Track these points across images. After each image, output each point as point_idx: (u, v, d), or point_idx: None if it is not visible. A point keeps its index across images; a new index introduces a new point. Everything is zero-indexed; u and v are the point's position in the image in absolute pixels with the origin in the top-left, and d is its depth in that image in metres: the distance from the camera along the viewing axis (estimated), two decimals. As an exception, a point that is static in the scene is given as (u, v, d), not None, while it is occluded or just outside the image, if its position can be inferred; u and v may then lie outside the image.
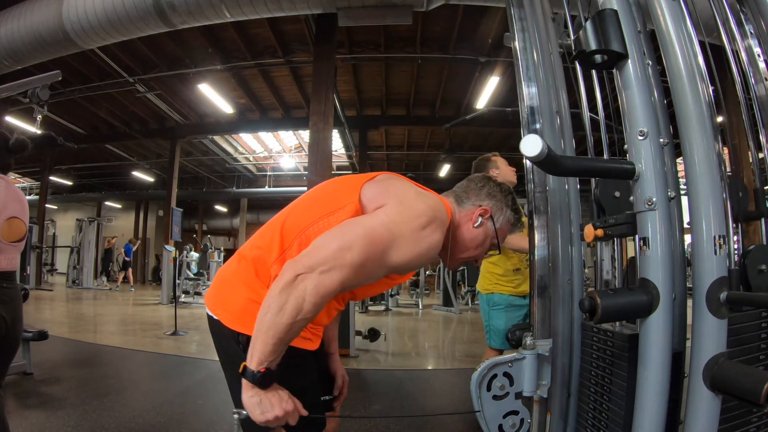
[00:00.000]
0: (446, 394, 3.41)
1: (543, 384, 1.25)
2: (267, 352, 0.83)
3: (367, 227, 0.91)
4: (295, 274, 0.83)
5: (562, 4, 1.38)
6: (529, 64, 1.40)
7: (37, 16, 4.49)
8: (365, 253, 0.87)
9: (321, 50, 5.10)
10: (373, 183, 1.05)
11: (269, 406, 0.85)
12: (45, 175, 11.40)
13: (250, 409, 0.86)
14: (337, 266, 0.85)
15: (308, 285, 0.82)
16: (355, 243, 0.87)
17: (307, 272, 0.83)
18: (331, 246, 0.87)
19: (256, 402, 0.85)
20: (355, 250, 0.86)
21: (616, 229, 1.03)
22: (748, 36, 1.18)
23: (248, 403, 0.85)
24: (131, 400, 2.90)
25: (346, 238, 0.88)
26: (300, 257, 0.87)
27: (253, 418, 0.86)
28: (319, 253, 0.86)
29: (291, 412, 0.87)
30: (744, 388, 0.80)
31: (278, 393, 0.87)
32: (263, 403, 0.85)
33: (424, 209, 0.97)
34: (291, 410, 0.87)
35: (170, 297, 8.06)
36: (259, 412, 0.85)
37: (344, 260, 0.85)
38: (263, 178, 15.21)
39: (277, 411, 0.85)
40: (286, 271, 0.84)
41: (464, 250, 1.13)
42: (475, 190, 1.14)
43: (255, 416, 0.85)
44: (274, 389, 0.87)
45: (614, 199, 1.14)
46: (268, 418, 0.85)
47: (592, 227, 1.06)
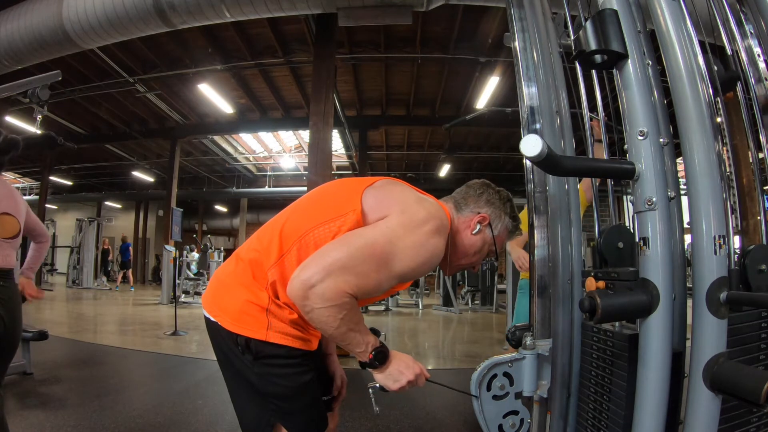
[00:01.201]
0: (446, 394, 3.41)
1: (543, 384, 1.25)
2: (356, 344, 0.93)
3: (369, 237, 0.93)
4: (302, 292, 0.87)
5: (562, 4, 1.38)
6: (529, 64, 1.39)
7: (37, 16, 4.48)
8: (365, 261, 0.90)
9: (321, 50, 5.10)
10: (374, 190, 1.05)
11: (398, 375, 0.97)
12: (45, 175, 11.39)
13: (385, 383, 0.98)
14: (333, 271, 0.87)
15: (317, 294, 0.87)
16: (353, 251, 0.90)
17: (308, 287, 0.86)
18: (328, 257, 0.89)
19: (386, 375, 0.97)
20: (350, 257, 0.89)
21: (618, 284, 1.04)
22: (748, 36, 1.18)
23: (380, 379, 0.98)
24: (131, 400, 2.90)
25: (344, 249, 0.90)
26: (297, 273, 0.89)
27: (390, 388, 0.98)
28: (315, 263, 0.89)
29: (419, 373, 0.99)
30: (744, 388, 0.80)
31: (404, 361, 0.99)
32: (393, 374, 0.97)
33: (425, 216, 0.98)
34: (419, 372, 0.99)
35: (170, 297, 8.06)
36: (392, 382, 0.97)
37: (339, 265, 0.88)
38: (263, 178, 15.21)
39: (408, 375, 0.97)
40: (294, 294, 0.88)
41: (462, 257, 1.13)
42: (474, 196, 1.14)
43: (391, 386, 0.97)
44: (396, 359, 0.98)
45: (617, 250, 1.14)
46: (402, 384, 0.97)
47: (593, 279, 1.06)
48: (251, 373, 0.99)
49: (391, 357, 0.97)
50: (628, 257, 1.09)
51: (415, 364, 0.99)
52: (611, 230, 1.13)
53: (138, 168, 13.72)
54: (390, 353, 0.97)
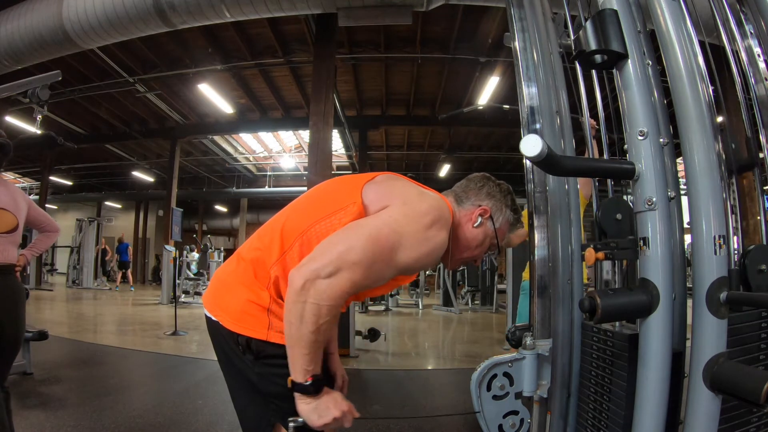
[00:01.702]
0: (446, 394, 3.41)
1: (543, 384, 1.25)
2: (306, 362, 0.86)
3: (372, 228, 0.91)
4: (303, 281, 0.84)
5: (562, 4, 1.38)
6: (529, 64, 1.40)
7: (37, 16, 4.48)
8: (370, 253, 0.88)
9: (321, 50, 5.10)
10: (374, 183, 1.05)
11: (325, 410, 0.89)
12: (45, 175, 11.40)
13: (307, 417, 0.89)
14: (343, 267, 0.85)
15: (319, 289, 0.84)
16: (359, 244, 0.88)
17: (314, 277, 0.84)
18: (335, 248, 0.87)
19: (312, 408, 0.89)
20: (358, 251, 0.87)
21: (618, 253, 1.04)
22: (748, 36, 1.18)
23: (305, 411, 0.89)
24: (131, 400, 2.90)
25: (349, 240, 0.88)
26: (304, 262, 0.87)
27: (311, 424, 0.89)
28: (324, 256, 0.87)
29: (347, 412, 0.91)
30: (744, 388, 0.80)
31: (331, 396, 0.91)
32: (319, 408, 0.89)
33: (428, 209, 0.97)
34: (347, 410, 0.91)
35: (170, 297, 8.06)
36: (316, 417, 0.89)
37: (349, 261, 0.86)
38: (263, 178, 15.21)
39: (334, 412, 0.89)
40: (293, 280, 0.85)
41: (464, 250, 1.13)
42: (474, 189, 1.14)
43: (314, 422, 0.89)
44: (326, 393, 0.91)
45: (616, 222, 1.14)
46: (327, 421, 0.89)
47: (593, 250, 1.06)
48: (252, 372, 0.99)
49: (324, 390, 0.91)
50: (627, 228, 1.09)
51: (343, 401, 0.92)
52: (609, 202, 1.13)
53: (138, 168, 13.72)
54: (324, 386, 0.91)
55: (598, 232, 1.16)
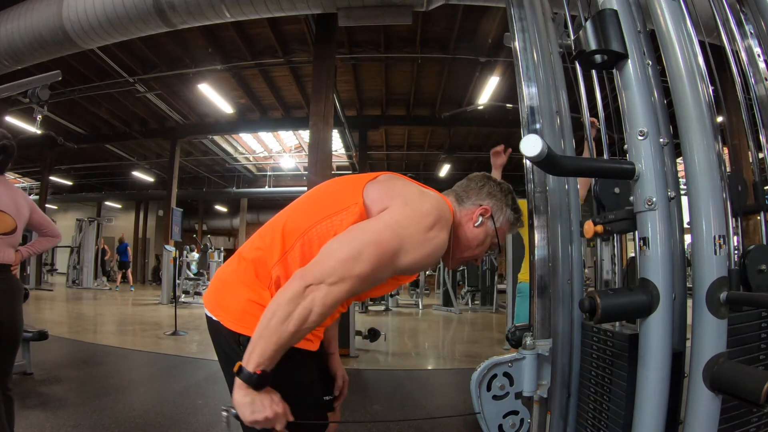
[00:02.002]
0: (446, 394, 3.41)
1: (543, 384, 1.25)
2: (266, 356, 0.84)
3: (375, 233, 0.91)
4: (305, 285, 0.84)
5: (562, 4, 1.38)
6: (529, 64, 1.39)
7: (37, 16, 4.48)
8: (374, 262, 0.88)
9: (321, 50, 5.10)
10: (376, 183, 1.05)
11: (260, 407, 0.86)
12: (45, 175, 11.40)
13: (240, 408, 0.86)
14: (346, 277, 0.86)
15: (317, 296, 0.84)
16: (364, 253, 0.88)
17: (317, 283, 0.85)
18: (340, 255, 0.88)
19: (248, 402, 0.86)
20: (364, 261, 0.87)
21: (615, 225, 1.03)
22: (748, 36, 1.18)
23: (240, 402, 0.86)
24: (131, 400, 2.90)
25: (355, 247, 0.89)
26: (309, 266, 0.87)
27: (242, 417, 0.86)
28: (328, 263, 0.87)
29: (280, 414, 0.88)
30: (744, 388, 0.80)
31: (270, 395, 0.88)
32: (255, 404, 0.86)
33: (429, 209, 0.97)
34: (280, 413, 0.88)
35: (170, 297, 8.07)
36: (249, 411, 0.86)
37: (353, 271, 0.87)
38: (263, 178, 15.22)
39: (268, 412, 0.86)
40: (295, 281, 0.86)
41: (465, 250, 1.13)
42: (475, 189, 1.14)
43: (244, 415, 0.86)
44: (267, 391, 0.88)
45: (614, 196, 1.14)
46: (257, 419, 0.86)
47: (591, 223, 1.06)
48: (252, 372, 0.99)
49: (266, 389, 0.88)
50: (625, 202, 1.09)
51: (279, 404, 0.88)
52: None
53: (138, 168, 13.73)
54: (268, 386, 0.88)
55: (597, 206, 1.16)
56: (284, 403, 0.90)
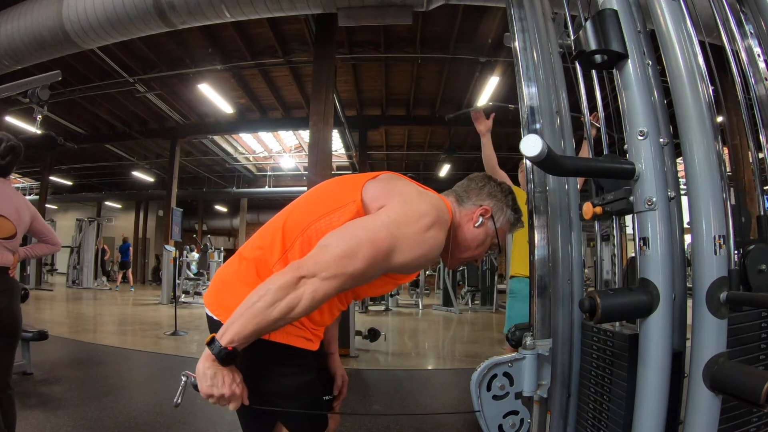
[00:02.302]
0: (446, 394, 3.41)
1: (543, 384, 1.25)
2: (243, 335, 0.85)
3: (371, 230, 0.91)
4: (299, 276, 0.84)
5: (562, 4, 1.38)
6: (529, 64, 1.39)
7: (37, 16, 4.49)
8: (368, 259, 0.88)
9: (321, 50, 5.10)
10: (375, 182, 1.05)
11: (220, 382, 0.86)
12: (45, 175, 11.40)
13: (200, 379, 0.87)
14: (339, 275, 0.86)
15: (308, 290, 0.84)
16: (360, 249, 0.88)
17: (310, 276, 0.85)
18: (335, 251, 0.87)
19: (210, 374, 0.86)
20: (359, 258, 0.88)
21: (614, 205, 1.03)
22: (748, 36, 1.18)
23: (201, 372, 0.87)
24: (131, 400, 2.90)
25: (350, 244, 0.88)
26: (305, 259, 0.88)
27: (200, 387, 0.87)
28: (323, 257, 0.87)
29: (237, 396, 0.88)
30: (744, 388, 0.80)
31: (233, 374, 0.89)
32: (216, 377, 0.86)
33: (426, 209, 0.97)
34: (238, 394, 0.89)
35: (170, 297, 8.07)
36: (208, 384, 0.86)
37: (347, 269, 0.87)
38: (263, 178, 15.21)
39: (225, 390, 0.86)
40: (290, 271, 0.86)
41: (465, 250, 1.13)
42: (475, 189, 1.14)
43: (202, 386, 0.87)
44: (231, 369, 0.89)
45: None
46: (213, 393, 0.86)
47: (590, 205, 1.05)
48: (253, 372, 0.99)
49: (231, 367, 0.89)
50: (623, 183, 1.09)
51: (238, 386, 0.89)
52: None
53: (138, 168, 13.73)
54: (234, 364, 0.89)
55: (596, 188, 1.16)
56: (244, 387, 0.91)
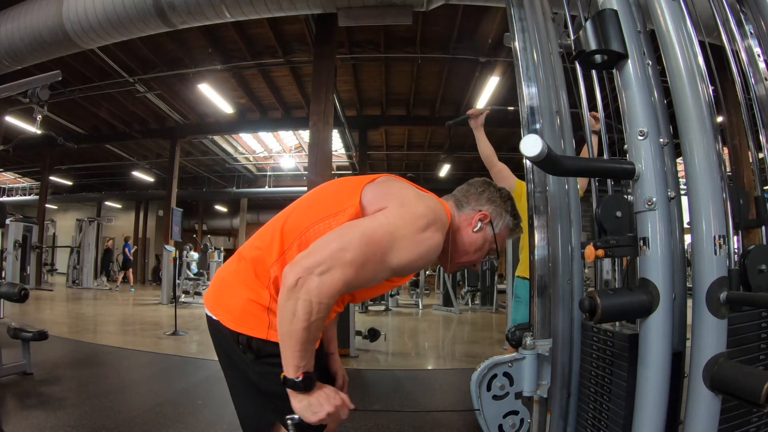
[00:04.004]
0: (446, 394, 3.41)
1: (543, 384, 1.25)
2: (297, 358, 0.87)
3: (366, 228, 0.92)
4: (296, 278, 0.84)
5: (562, 4, 1.38)
6: (529, 64, 1.40)
7: (37, 16, 4.48)
8: (363, 253, 0.88)
9: (321, 50, 5.10)
10: (374, 185, 1.05)
11: (318, 406, 0.90)
12: (45, 175, 11.40)
13: (301, 413, 0.90)
14: (336, 266, 0.85)
15: (311, 287, 0.84)
16: (353, 243, 0.88)
17: (307, 274, 0.84)
18: (329, 247, 0.87)
19: (305, 405, 0.90)
20: (352, 250, 0.87)
21: (617, 250, 1.03)
22: (748, 36, 1.18)
23: (298, 408, 0.90)
24: (131, 400, 2.90)
25: (344, 239, 0.89)
26: (298, 259, 0.87)
27: (307, 420, 0.90)
28: (316, 254, 0.87)
29: (341, 406, 0.92)
30: (744, 388, 0.80)
31: (324, 391, 0.92)
32: (312, 405, 0.90)
33: (424, 211, 0.98)
34: (340, 404, 0.92)
35: (170, 297, 8.06)
36: (310, 413, 0.90)
37: (342, 259, 0.86)
38: (263, 178, 15.21)
39: (328, 408, 0.90)
40: (287, 277, 0.86)
41: (463, 255, 1.13)
42: (475, 194, 1.15)
43: (308, 418, 0.90)
44: (319, 388, 0.91)
45: (616, 219, 1.14)
46: (321, 417, 0.90)
47: (593, 247, 1.05)
48: (252, 372, 0.99)
49: (317, 386, 0.91)
50: (627, 226, 1.09)
51: (336, 396, 0.93)
52: (609, 199, 1.12)
53: (138, 168, 13.72)
54: (317, 383, 0.91)
55: (598, 229, 1.16)
56: (340, 394, 0.94)
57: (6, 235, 8.55)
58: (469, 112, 2.38)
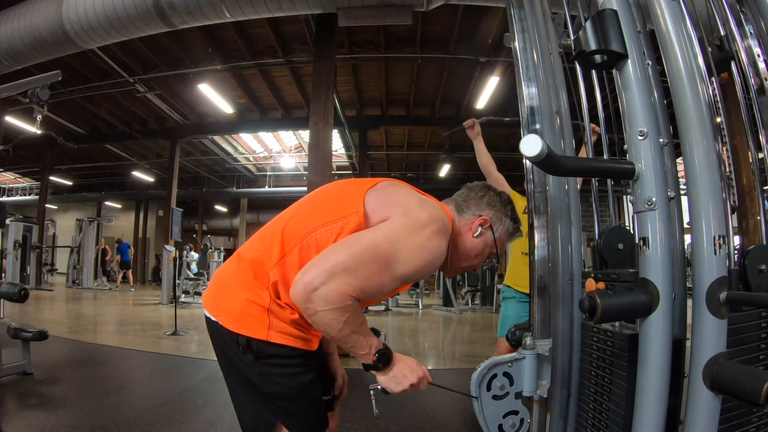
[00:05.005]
0: (446, 395, 3.41)
1: (543, 384, 1.25)
2: (360, 346, 0.93)
3: (370, 241, 0.93)
4: (304, 296, 0.87)
5: (562, 4, 1.38)
6: (529, 64, 1.40)
7: (37, 16, 4.48)
8: (365, 262, 0.90)
9: (321, 50, 5.10)
10: (376, 191, 1.05)
11: (402, 377, 0.97)
12: (45, 175, 11.38)
13: (386, 385, 0.97)
14: (336, 273, 0.87)
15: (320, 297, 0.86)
16: (355, 254, 0.90)
17: (311, 290, 0.86)
18: (331, 259, 0.89)
19: (390, 378, 0.97)
20: (353, 260, 0.89)
21: (618, 285, 1.03)
22: (748, 36, 1.18)
23: (383, 381, 0.97)
24: (131, 400, 2.90)
25: (346, 252, 0.90)
26: (299, 277, 0.88)
27: (391, 391, 0.97)
28: (316, 267, 0.88)
29: (422, 377, 0.99)
30: (744, 388, 0.80)
31: (407, 363, 0.99)
32: (396, 377, 0.96)
33: (428, 219, 0.98)
34: (422, 375, 0.99)
35: (170, 297, 8.06)
36: (394, 384, 0.97)
37: (341, 267, 0.88)
38: (263, 178, 15.21)
39: (411, 378, 0.97)
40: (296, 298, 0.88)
41: (464, 259, 1.13)
42: (475, 199, 1.15)
43: (392, 389, 0.97)
44: (400, 362, 0.98)
45: (617, 252, 1.13)
46: (405, 388, 0.97)
47: (593, 281, 1.05)
48: (252, 372, 0.99)
49: (394, 359, 0.97)
50: (628, 258, 1.10)
51: (418, 367, 0.99)
52: (611, 231, 1.13)
53: (138, 168, 13.72)
54: (393, 355, 0.97)
55: (600, 261, 1.16)
56: (421, 366, 1.00)
57: (6, 235, 8.55)
58: (465, 123, 2.39)
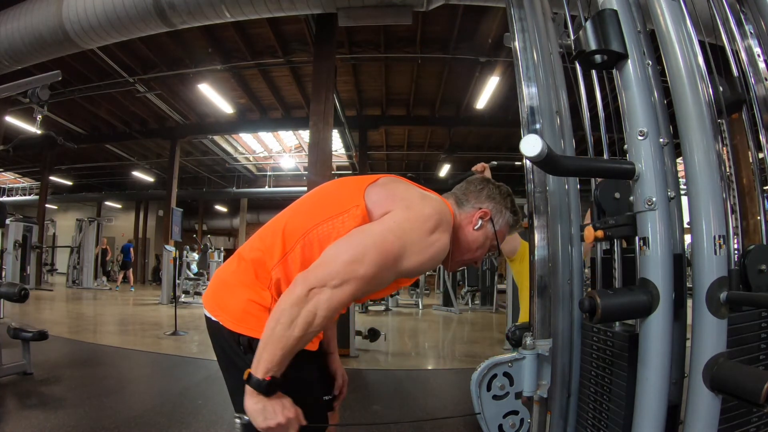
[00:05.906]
0: (446, 394, 3.41)
1: (543, 384, 1.25)
2: (274, 362, 0.85)
3: (378, 237, 0.92)
4: (308, 289, 0.85)
5: (562, 4, 1.38)
6: (529, 64, 1.40)
7: (37, 16, 4.48)
8: (377, 264, 0.89)
9: (321, 50, 5.10)
10: (377, 186, 1.05)
11: (272, 414, 0.87)
12: (45, 175, 11.38)
13: (252, 416, 0.87)
14: (349, 279, 0.87)
15: (321, 299, 0.85)
16: (367, 255, 0.89)
17: (320, 286, 0.85)
18: (342, 258, 0.88)
19: (259, 409, 0.87)
20: (366, 263, 0.88)
21: (616, 230, 1.03)
22: (748, 36, 1.18)
23: (251, 410, 0.87)
24: (131, 400, 2.90)
25: (357, 250, 0.89)
26: (312, 269, 0.88)
27: (256, 424, 0.87)
28: (330, 265, 0.87)
29: (292, 419, 0.89)
30: (744, 388, 0.80)
31: (281, 401, 0.89)
32: (266, 410, 0.87)
33: (430, 213, 0.98)
34: (292, 417, 0.89)
35: (170, 297, 8.06)
36: (261, 418, 0.87)
37: (356, 273, 0.87)
38: (263, 178, 15.21)
39: (280, 418, 0.87)
40: (298, 285, 0.86)
41: (465, 252, 1.13)
42: (474, 192, 1.15)
43: (257, 422, 0.87)
44: (278, 397, 0.89)
45: (614, 201, 1.13)
46: (270, 425, 0.87)
47: (592, 228, 1.06)
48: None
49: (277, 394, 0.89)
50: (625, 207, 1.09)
51: (291, 409, 0.89)
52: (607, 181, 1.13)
53: (138, 168, 13.72)
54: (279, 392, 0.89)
55: (597, 211, 1.16)
56: (296, 408, 0.91)
57: (6, 235, 8.55)
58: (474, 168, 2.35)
